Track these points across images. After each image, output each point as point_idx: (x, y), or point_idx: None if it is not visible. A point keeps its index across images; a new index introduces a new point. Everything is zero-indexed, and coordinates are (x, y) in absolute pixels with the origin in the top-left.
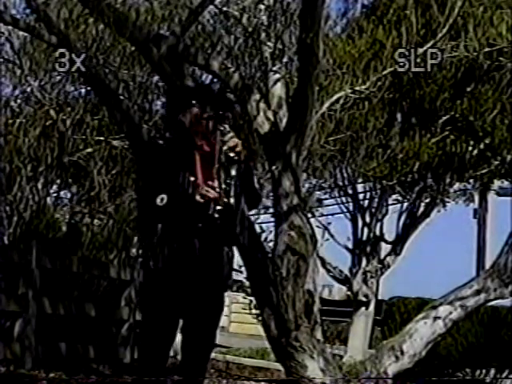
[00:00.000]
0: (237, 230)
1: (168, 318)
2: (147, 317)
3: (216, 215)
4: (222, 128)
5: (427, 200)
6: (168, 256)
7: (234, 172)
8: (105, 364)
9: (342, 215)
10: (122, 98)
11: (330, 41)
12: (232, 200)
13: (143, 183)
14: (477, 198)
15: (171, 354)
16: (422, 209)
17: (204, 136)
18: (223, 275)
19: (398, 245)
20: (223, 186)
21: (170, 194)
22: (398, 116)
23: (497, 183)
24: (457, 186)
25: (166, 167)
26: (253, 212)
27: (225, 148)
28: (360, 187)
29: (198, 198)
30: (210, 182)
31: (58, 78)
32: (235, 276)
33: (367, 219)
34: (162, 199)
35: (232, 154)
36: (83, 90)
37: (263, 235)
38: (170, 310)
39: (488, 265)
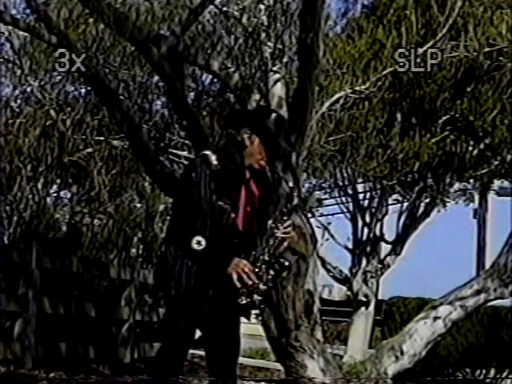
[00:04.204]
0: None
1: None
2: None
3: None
4: (284, 218)
5: (427, 200)
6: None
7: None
8: (105, 364)
9: (342, 215)
10: (121, 97)
11: (330, 41)
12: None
13: (179, 208)
14: (477, 198)
15: None
16: (422, 209)
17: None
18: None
19: (397, 245)
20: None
21: (207, 233)
22: (398, 116)
23: (497, 183)
24: (457, 186)
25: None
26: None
27: (278, 234)
28: (360, 187)
29: (234, 278)
30: (253, 268)
31: (58, 78)
32: None
33: (367, 219)
34: (199, 242)
35: (281, 236)
36: (83, 90)
37: None
38: (190, 315)
39: (488, 265)
